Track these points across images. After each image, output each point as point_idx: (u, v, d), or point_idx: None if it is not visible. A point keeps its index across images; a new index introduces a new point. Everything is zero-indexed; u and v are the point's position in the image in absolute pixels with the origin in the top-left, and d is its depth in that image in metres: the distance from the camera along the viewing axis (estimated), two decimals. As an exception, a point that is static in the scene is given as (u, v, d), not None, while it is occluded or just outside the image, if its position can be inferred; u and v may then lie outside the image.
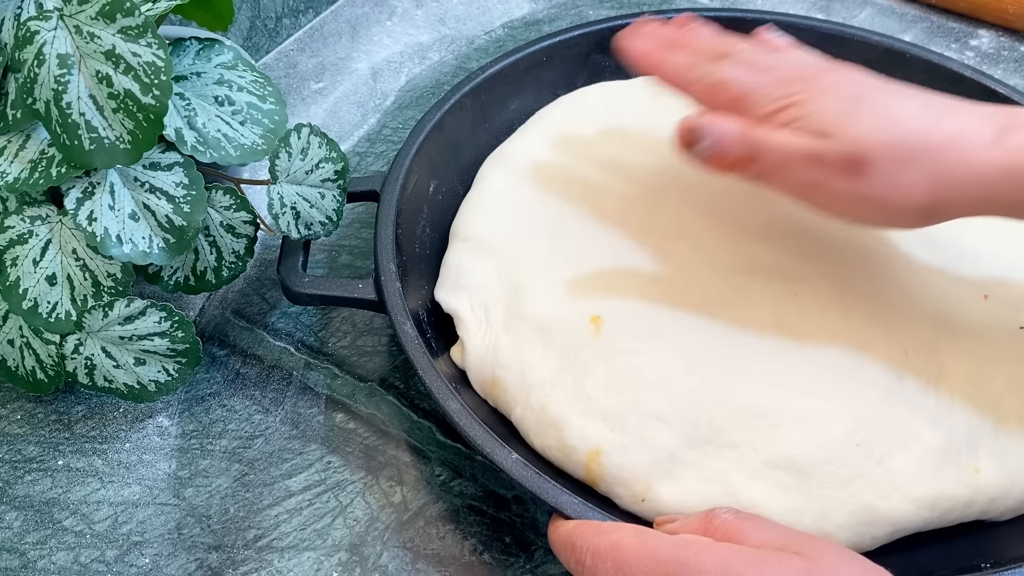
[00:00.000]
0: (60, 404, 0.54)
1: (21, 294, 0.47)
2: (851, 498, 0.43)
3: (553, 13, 0.76)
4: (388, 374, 0.55)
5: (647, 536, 0.37)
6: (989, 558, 0.43)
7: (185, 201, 0.48)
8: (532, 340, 0.48)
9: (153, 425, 0.53)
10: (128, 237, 0.47)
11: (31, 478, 0.51)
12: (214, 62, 0.51)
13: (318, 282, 0.52)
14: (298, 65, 0.72)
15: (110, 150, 0.44)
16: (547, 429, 0.46)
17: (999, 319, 0.49)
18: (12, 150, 0.47)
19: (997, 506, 0.44)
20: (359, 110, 0.69)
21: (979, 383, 0.47)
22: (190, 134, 0.48)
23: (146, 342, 0.50)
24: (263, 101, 0.51)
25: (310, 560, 0.48)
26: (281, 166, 0.51)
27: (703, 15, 0.62)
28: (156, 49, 0.44)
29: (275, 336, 0.57)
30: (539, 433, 0.46)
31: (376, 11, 0.76)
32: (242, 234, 0.52)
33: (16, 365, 0.51)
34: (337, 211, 0.54)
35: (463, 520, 0.49)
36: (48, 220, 0.48)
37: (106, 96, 0.44)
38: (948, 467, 0.44)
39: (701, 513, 0.39)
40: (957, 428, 0.45)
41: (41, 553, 0.48)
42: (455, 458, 0.51)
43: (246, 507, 0.50)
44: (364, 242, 0.61)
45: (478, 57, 0.73)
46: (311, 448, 0.52)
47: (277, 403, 0.54)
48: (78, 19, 0.43)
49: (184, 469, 0.51)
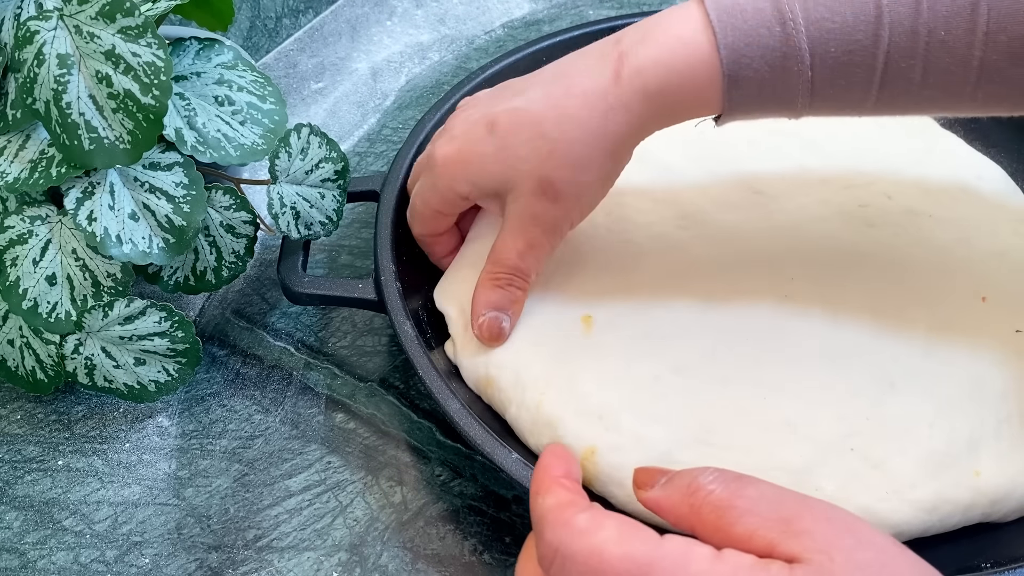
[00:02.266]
0: (60, 404, 0.54)
1: (21, 294, 0.47)
2: (848, 501, 0.43)
3: (553, 13, 0.76)
4: (388, 374, 0.55)
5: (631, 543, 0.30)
6: (990, 558, 0.43)
7: (185, 201, 0.48)
8: (525, 338, 0.48)
9: (153, 425, 0.53)
10: (128, 237, 0.47)
11: (31, 478, 0.51)
12: (214, 62, 0.51)
13: (318, 282, 0.52)
14: (298, 65, 0.72)
15: (110, 150, 0.44)
16: (542, 428, 0.46)
17: (997, 321, 0.49)
18: (12, 150, 0.47)
19: (999, 508, 0.44)
20: (359, 110, 0.69)
21: (978, 385, 0.47)
22: (190, 134, 0.48)
23: (146, 342, 0.50)
24: (263, 101, 0.51)
25: (310, 560, 0.48)
26: (281, 166, 0.51)
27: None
28: (156, 49, 0.44)
29: (275, 336, 0.57)
30: (534, 432, 0.46)
31: (376, 11, 0.76)
32: (242, 234, 0.52)
33: (16, 365, 0.51)
34: (337, 211, 0.54)
35: (463, 520, 0.49)
36: (48, 220, 0.48)
37: (106, 96, 0.44)
38: (947, 470, 0.44)
39: (684, 483, 0.32)
40: (956, 431, 0.45)
41: (41, 553, 0.48)
42: (455, 458, 0.51)
43: (246, 507, 0.50)
44: (364, 242, 0.61)
45: (478, 57, 0.73)
46: (311, 448, 0.52)
47: (277, 403, 0.54)
48: (78, 19, 0.43)
49: (184, 469, 0.51)
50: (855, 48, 0.41)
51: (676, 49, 0.42)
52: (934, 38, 0.41)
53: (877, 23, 0.41)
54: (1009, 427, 0.46)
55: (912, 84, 0.42)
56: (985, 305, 0.50)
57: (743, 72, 0.42)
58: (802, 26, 0.41)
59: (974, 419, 0.46)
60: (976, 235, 0.53)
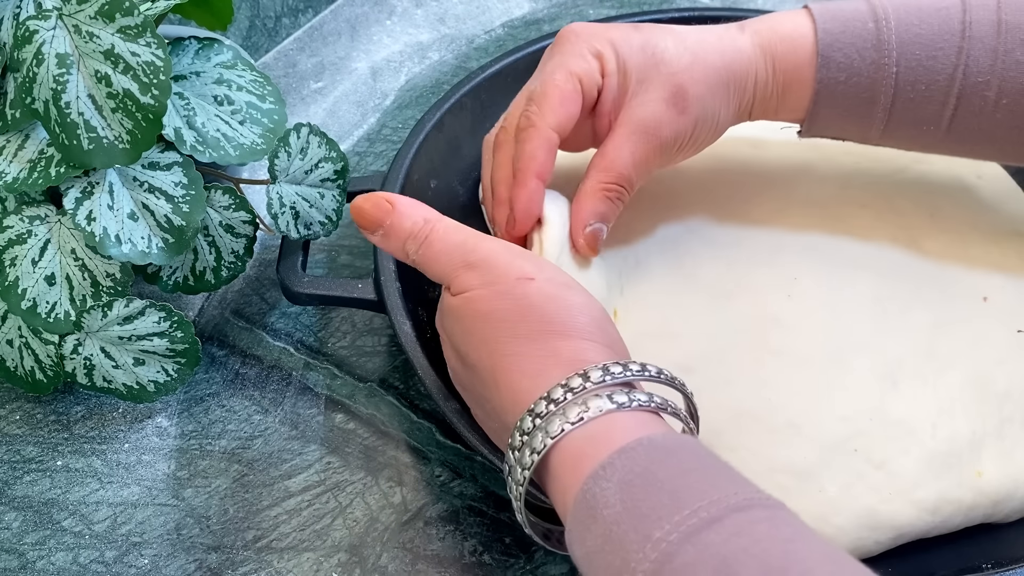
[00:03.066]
0: (59, 404, 0.54)
1: (20, 294, 0.47)
2: (853, 501, 0.43)
3: (553, 12, 0.76)
4: (388, 374, 0.55)
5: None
6: (991, 558, 0.43)
7: (184, 201, 0.48)
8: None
9: (152, 426, 0.53)
10: (127, 237, 0.47)
11: (30, 478, 0.51)
12: (213, 61, 0.51)
13: (318, 282, 0.52)
14: (297, 64, 0.72)
15: (109, 150, 0.44)
16: None
17: (998, 321, 0.49)
18: (11, 150, 0.46)
19: (1001, 509, 0.44)
20: (359, 110, 0.69)
21: (980, 386, 0.47)
22: (189, 134, 0.48)
23: (145, 342, 0.50)
24: (262, 100, 0.51)
25: (309, 561, 0.48)
26: (280, 166, 0.51)
27: (704, 14, 0.62)
28: (155, 49, 0.44)
29: (274, 336, 0.57)
30: None
31: (376, 10, 0.76)
32: (241, 234, 0.52)
33: (15, 365, 0.51)
34: (337, 211, 0.54)
35: (463, 521, 0.49)
36: (47, 220, 0.48)
37: (105, 96, 0.44)
38: (950, 470, 0.44)
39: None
40: (958, 432, 0.45)
41: (40, 553, 0.48)
42: (455, 459, 0.51)
43: (245, 508, 0.50)
44: (364, 242, 0.61)
45: (478, 57, 0.73)
46: (311, 449, 0.52)
47: (276, 403, 0.54)
48: (77, 18, 0.43)
49: (183, 470, 0.51)
50: (938, 55, 0.44)
51: (784, 23, 0.47)
52: (1011, 58, 0.44)
53: (960, 37, 0.44)
54: (1011, 427, 0.46)
55: (987, 104, 0.45)
56: (986, 305, 0.50)
57: (835, 55, 0.45)
58: (893, 26, 0.45)
59: (976, 419, 0.45)
60: (977, 235, 0.53)
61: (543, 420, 0.34)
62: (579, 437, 0.34)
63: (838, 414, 0.45)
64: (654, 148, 0.46)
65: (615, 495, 0.31)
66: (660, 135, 0.45)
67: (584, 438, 0.34)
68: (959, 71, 0.44)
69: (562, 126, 0.45)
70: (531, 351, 0.37)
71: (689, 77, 0.45)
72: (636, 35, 0.46)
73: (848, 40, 0.45)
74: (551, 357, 0.36)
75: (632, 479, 0.32)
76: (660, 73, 0.45)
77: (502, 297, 0.38)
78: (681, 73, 0.45)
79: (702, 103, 0.46)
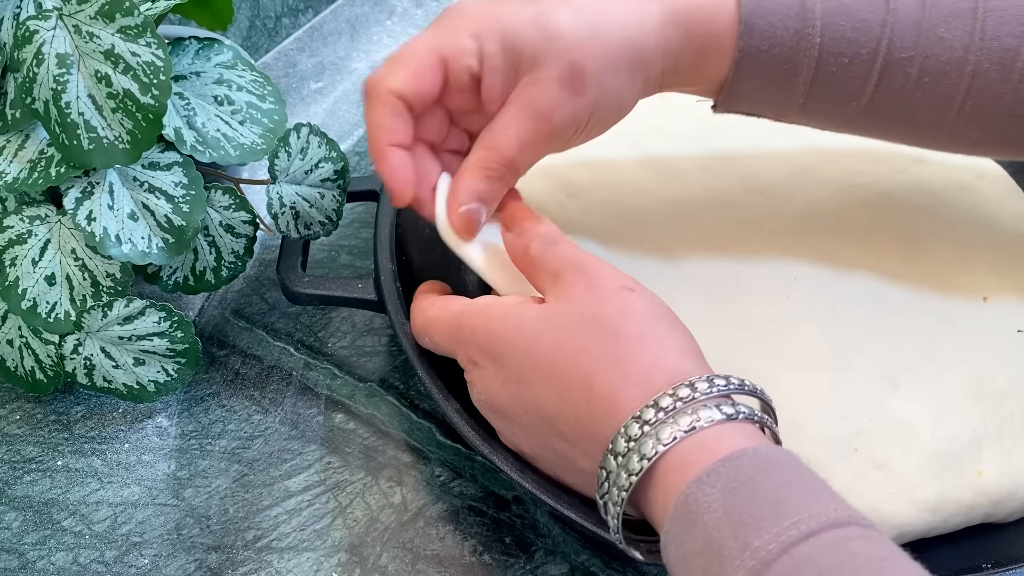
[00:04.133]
0: (59, 404, 0.54)
1: (20, 294, 0.47)
2: (854, 501, 0.43)
3: (553, 12, 0.76)
4: (388, 374, 0.55)
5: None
6: (991, 558, 0.43)
7: (184, 201, 0.48)
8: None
9: (152, 425, 0.53)
10: (127, 237, 0.47)
11: (30, 478, 0.51)
12: (213, 62, 0.51)
13: (318, 282, 0.52)
14: (297, 64, 0.72)
15: (109, 150, 0.44)
16: None
17: (999, 320, 0.49)
18: (11, 150, 0.46)
19: (1001, 508, 0.44)
20: (359, 110, 0.69)
21: (980, 385, 0.47)
22: (189, 134, 0.48)
23: (145, 342, 0.50)
24: (262, 100, 0.51)
25: (309, 561, 0.48)
26: (280, 166, 0.51)
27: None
28: (155, 49, 0.44)
29: (275, 336, 0.57)
30: None
31: (376, 10, 0.76)
32: (241, 234, 0.52)
33: (15, 365, 0.51)
34: (337, 211, 0.54)
35: (463, 521, 0.49)
36: (47, 220, 0.48)
37: (105, 96, 0.44)
38: (950, 470, 0.44)
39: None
40: (959, 431, 0.45)
41: (40, 553, 0.48)
42: (455, 459, 0.51)
43: (245, 508, 0.50)
44: (364, 242, 0.61)
45: (478, 57, 0.73)
46: (311, 448, 0.52)
47: (277, 403, 0.54)
48: (77, 19, 0.43)
49: (183, 470, 0.51)
50: (862, 27, 0.42)
51: None
52: (934, 34, 0.42)
53: (885, 10, 0.42)
54: (1011, 427, 0.46)
55: (908, 81, 0.43)
56: (986, 305, 0.50)
57: (758, 22, 0.42)
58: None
59: (976, 419, 0.45)
60: (976, 235, 0.53)
61: (652, 427, 0.35)
62: (687, 445, 0.35)
63: (838, 414, 0.45)
64: (544, 133, 0.42)
65: (717, 501, 0.32)
66: (552, 119, 0.42)
67: (692, 446, 0.35)
68: (883, 45, 0.42)
69: (409, 97, 0.42)
70: (636, 359, 0.37)
71: (586, 53, 0.41)
72: (526, 8, 0.42)
73: (772, 7, 0.42)
74: (654, 367, 0.37)
75: (736, 487, 0.32)
76: (554, 49, 0.41)
77: (607, 301, 0.39)
78: (577, 49, 0.41)
79: (601, 82, 0.41)
